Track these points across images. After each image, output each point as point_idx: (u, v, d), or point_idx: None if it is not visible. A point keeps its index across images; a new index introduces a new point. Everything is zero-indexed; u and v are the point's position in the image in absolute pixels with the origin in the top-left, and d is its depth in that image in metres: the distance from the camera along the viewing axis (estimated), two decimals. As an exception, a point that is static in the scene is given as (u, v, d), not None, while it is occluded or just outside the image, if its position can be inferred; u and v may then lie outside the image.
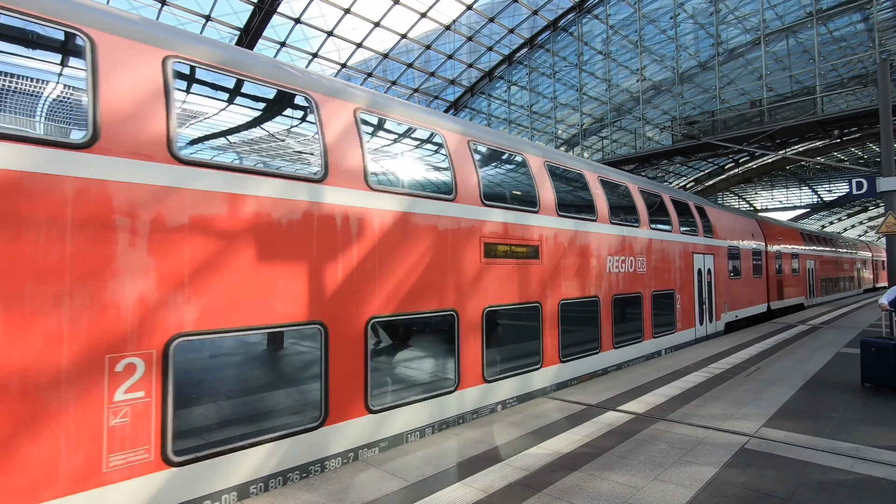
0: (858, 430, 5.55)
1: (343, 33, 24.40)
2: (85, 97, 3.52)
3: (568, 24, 29.11)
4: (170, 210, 3.78)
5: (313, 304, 4.64)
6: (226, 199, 4.12)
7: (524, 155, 7.71)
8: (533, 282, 7.31)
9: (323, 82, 5.30)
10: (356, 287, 5.04)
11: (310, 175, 4.76)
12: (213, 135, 4.35)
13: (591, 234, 8.62)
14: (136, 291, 3.58)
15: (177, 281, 3.79)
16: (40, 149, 3.27)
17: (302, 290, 4.58)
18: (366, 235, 5.15)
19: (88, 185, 3.43)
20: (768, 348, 11.14)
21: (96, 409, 3.35)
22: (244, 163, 4.40)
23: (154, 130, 3.80)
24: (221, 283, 4.04)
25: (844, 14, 22.00)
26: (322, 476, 4.49)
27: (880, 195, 13.31)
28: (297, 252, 4.57)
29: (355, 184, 5.09)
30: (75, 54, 3.60)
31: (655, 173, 34.59)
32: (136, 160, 3.66)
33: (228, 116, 4.51)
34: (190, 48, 4.22)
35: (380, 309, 5.24)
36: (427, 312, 5.80)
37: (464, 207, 6.29)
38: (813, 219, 59.46)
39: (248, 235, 4.23)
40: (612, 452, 4.99)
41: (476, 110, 33.81)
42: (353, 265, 5.02)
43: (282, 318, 4.41)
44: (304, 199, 4.64)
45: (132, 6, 19.22)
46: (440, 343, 6.13)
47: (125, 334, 3.51)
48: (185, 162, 3.93)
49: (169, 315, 3.73)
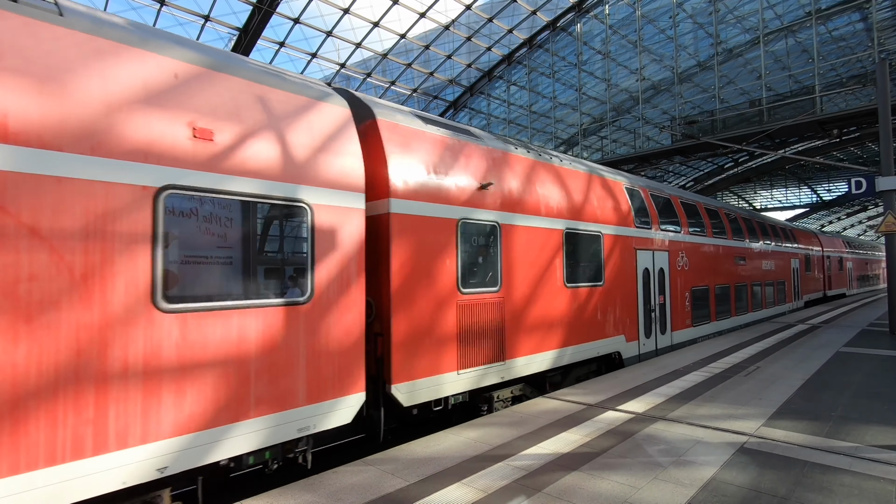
0: (858, 429, 5.55)
1: (342, 33, 24.42)
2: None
3: (567, 24, 29.13)
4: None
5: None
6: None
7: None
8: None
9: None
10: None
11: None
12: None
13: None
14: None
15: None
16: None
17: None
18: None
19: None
20: (767, 348, 11.14)
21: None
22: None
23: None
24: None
25: (843, 14, 22.03)
26: (321, 476, 4.49)
27: (879, 194, 13.31)
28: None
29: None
30: None
31: (655, 173, 34.62)
32: None
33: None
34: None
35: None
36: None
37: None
38: (812, 218, 59.52)
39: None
40: (611, 452, 4.99)
41: (475, 110, 33.82)
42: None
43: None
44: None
45: (130, 6, 19.22)
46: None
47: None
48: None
49: None
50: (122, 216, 3.52)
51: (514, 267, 7.07)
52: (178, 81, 3.96)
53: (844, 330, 14.06)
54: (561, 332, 7.87)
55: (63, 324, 3.22)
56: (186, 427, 3.74)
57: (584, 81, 29.76)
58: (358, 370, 4.98)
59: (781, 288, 19.46)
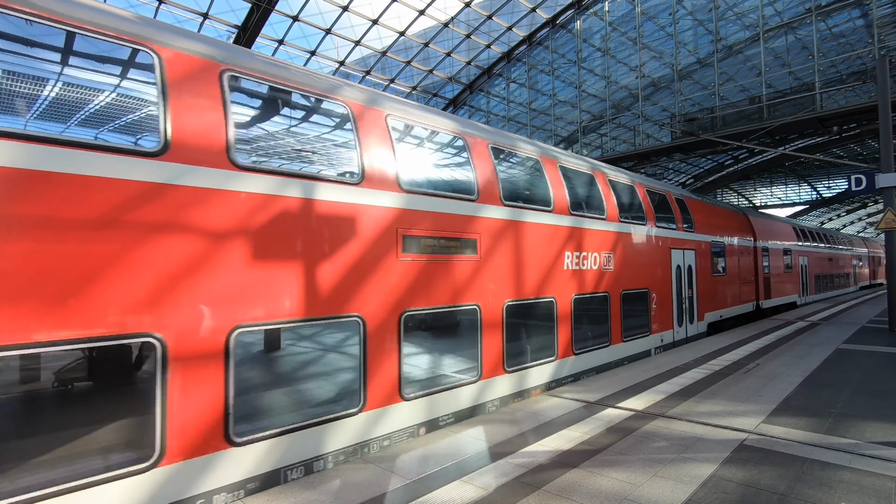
0: (857, 426, 5.56)
1: (341, 31, 24.36)
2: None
3: (567, 21, 29.05)
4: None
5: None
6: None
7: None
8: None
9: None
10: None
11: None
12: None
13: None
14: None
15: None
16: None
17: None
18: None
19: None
20: (767, 345, 11.15)
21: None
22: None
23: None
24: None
25: (843, 10, 21.96)
26: (322, 474, 4.49)
27: (879, 191, 13.30)
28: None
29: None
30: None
31: (655, 170, 34.60)
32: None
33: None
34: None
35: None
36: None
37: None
38: (812, 215, 59.54)
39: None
40: (611, 449, 5.00)
41: (475, 107, 33.76)
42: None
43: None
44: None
45: (129, 4, 19.16)
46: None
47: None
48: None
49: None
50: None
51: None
52: None
53: (844, 327, 14.07)
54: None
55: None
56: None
57: (583, 78, 29.69)
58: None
59: (636, 310, 10.44)
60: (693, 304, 12.80)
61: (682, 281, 12.25)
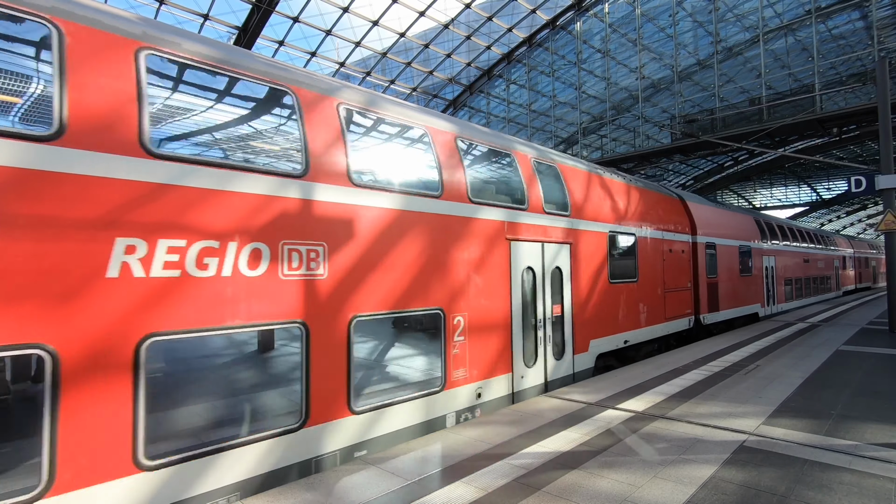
0: (858, 427, 5.56)
1: (341, 32, 24.39)
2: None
3: (567, 23, 29.09)
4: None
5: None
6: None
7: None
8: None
9: None
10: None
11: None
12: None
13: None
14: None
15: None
16: None
17: None
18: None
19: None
20: (767, 346, 11.15)
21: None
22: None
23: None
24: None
25: (843, 12, 21.98)
26: (322, 475, 4.49)
27: (879, 193, 13.31)
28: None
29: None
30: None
31: (655, 171, 34.62)
32: None
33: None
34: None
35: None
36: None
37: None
38: (812, 216, 59.57)
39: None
40: (611, 451, 4.99)
41: (475, 109, 33.79)
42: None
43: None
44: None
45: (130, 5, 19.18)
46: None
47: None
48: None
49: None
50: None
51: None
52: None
53: (844, 328, 14.07)
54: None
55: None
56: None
57: (583, 80, 29.72)
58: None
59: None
60: (564, 327, 8.37)
61: (540, 292, 7.86)
